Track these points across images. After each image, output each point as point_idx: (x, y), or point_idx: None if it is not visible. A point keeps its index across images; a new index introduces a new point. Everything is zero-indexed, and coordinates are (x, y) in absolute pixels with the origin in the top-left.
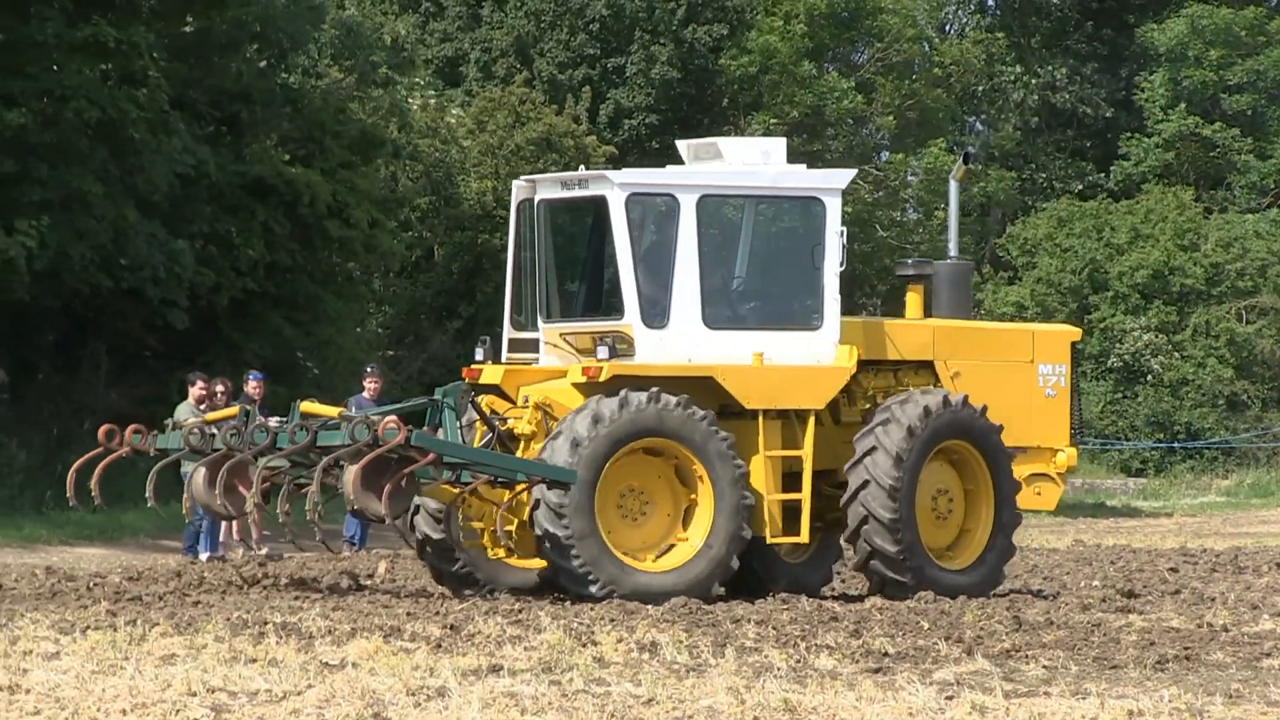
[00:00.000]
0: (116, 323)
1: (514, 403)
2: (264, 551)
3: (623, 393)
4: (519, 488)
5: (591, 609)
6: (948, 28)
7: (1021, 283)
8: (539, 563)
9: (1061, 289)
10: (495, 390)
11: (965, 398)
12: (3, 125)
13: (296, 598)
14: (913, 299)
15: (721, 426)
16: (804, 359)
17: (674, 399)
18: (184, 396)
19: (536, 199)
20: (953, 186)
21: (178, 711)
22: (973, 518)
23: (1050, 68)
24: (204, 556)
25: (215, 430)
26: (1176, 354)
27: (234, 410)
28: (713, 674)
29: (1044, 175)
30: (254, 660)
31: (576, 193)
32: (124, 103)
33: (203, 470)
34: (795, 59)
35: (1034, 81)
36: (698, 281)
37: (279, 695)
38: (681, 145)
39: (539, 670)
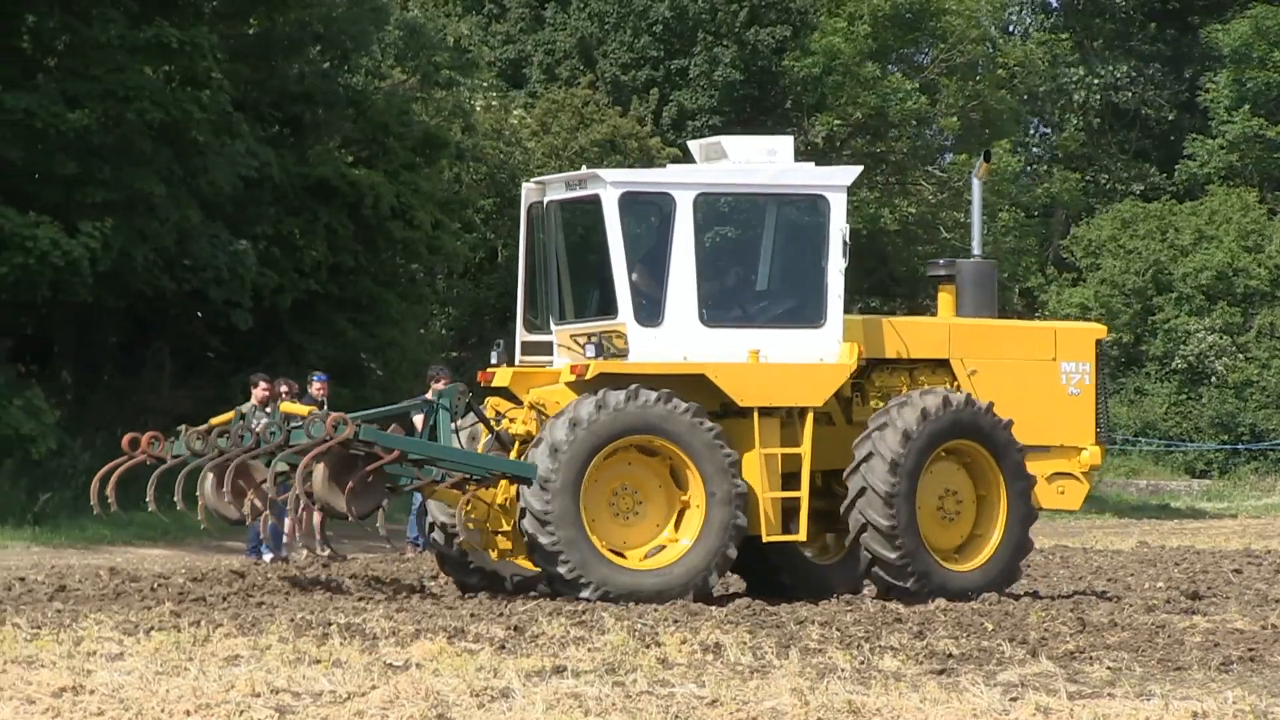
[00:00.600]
0: (180, 324)
1: (518, 403)
2: (327, 553)
3: (601, 393)
4: (471, 488)
5: (655, 610)
6: (1011, 28)
7: (1085, 284)
8: None
9: (1125, 290)
10: (505, 393)
11: (968, 397)
12: (66, 126)
13: (361, 599)
14: (944, 299)
15: (717, 424)
16: (807, 357)
17: (653, 394)
18: (247, 398)
19: (545, 201)
20: (975, 185)
21: (241, 712)
22: (985, 516)
23: (1113, 68)
24: (268, 558)
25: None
26: (1241, 355)
27: (231, 415)
28: (776, 675)
29: (1107, 177)
30: (318, 661)
31: (576, 193)
32: (187, 104)
33: (210, 476)
34: (859, 60)
35: (1097, 82)
36: (694, 280)
37: (343, 696)
38: (692, 145)
39: (603, 671)
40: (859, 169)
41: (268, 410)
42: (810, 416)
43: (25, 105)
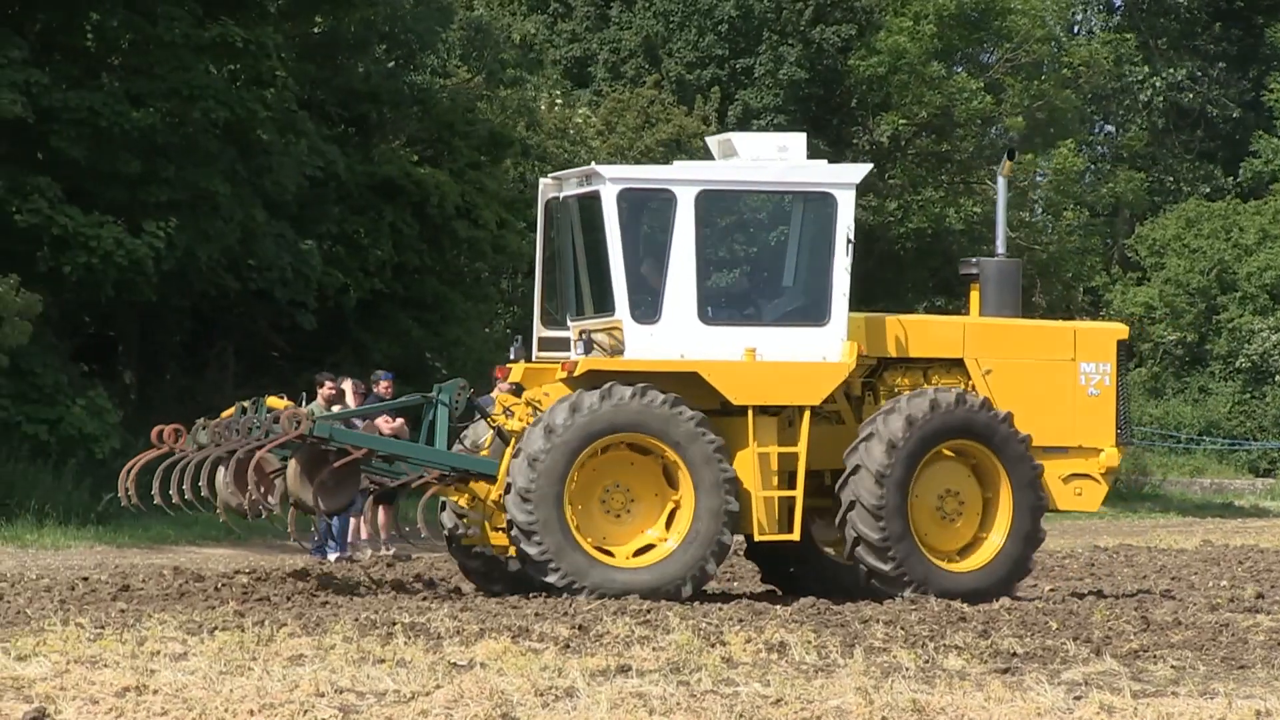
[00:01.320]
0: (244, 323)
1: (529, 402)
2: (391, 552)
3: (575, 395)
4: (435, 487)
5: (720, 608)
6: (1076, 28)
7: (1150, 283)
8: None
9: (1190, 289)
10: (518, 389)
11: (959, 395)
12: (130, 125)
13: (425, 598)
14: (975, 297)
15: (713, 423)
16: (809, 355)
17: (628, 391)
18: (313, 397)
19: (561, 196)
20: (1000, 183)
21: (305, 712)
22: (991, 514)
23: (1178, 68)
24: (332, 557)
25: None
26: None
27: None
28: (841, 674)
29: (1172, 177)
30: (382, 661)
31: (582, 190)
32: (252, 103)
33: (221, 470)
34: (924, 59)
35: (1162, 82)
36: (694, 277)
37: (407, 696)
38: (710, 141)
39: (667, 671)
40: (868, 167)
41: (334, 409)
42: (807, 415)
43: (89, 104)
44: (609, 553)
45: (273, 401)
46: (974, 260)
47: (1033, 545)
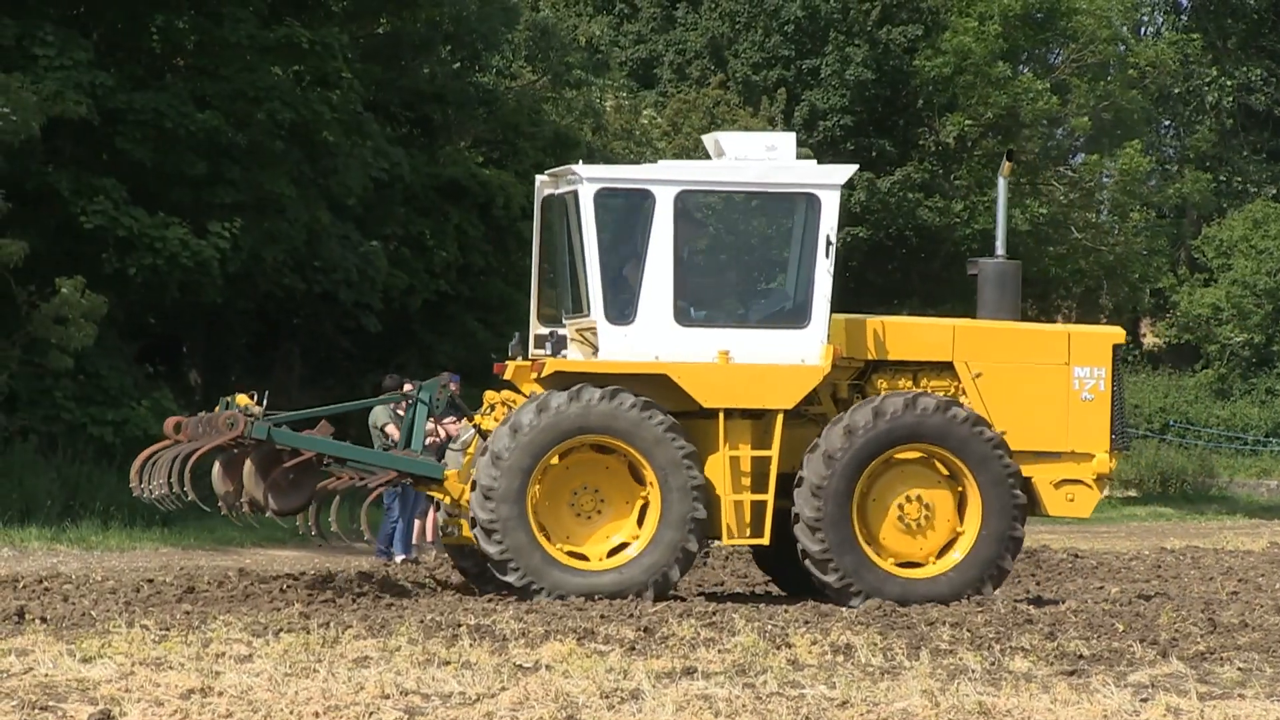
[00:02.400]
0: (309, 325)
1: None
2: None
3: (543, 395)
4: (376, 490)
5: (786, 610)
6: (1143, 29)
7: (1217, 285)
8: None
9: (1257, 291)
10: (510, 387)
11: (912, 399)
12: (195, 127)
13: (490, 599)
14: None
15: (688, 426)
16: (788, 358)
17: (597, 393)
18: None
19: (556, 193)
20: (1001, 184)
21: (370, 714)
22: (967, 520)
23: (1246, 69)
24: (398, 559)
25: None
26: None
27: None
28: (907, 676)
29: (1239, 178)
30: (447, 663)
31: (564, 189)
32: (317, 104)
33: (217, 464)
34: (990, 60)
35: (1230, 83)
36: (671, 278)
37: (472, 698)
38: (705, 140)
39: (733, 673)
40: (854, 168)
41: (399, 411)
42: (780, 419)
43: (155, 105)
44: (578, 555)
45: (241, 399)
46: (977, 260)
47: (1009, 547)
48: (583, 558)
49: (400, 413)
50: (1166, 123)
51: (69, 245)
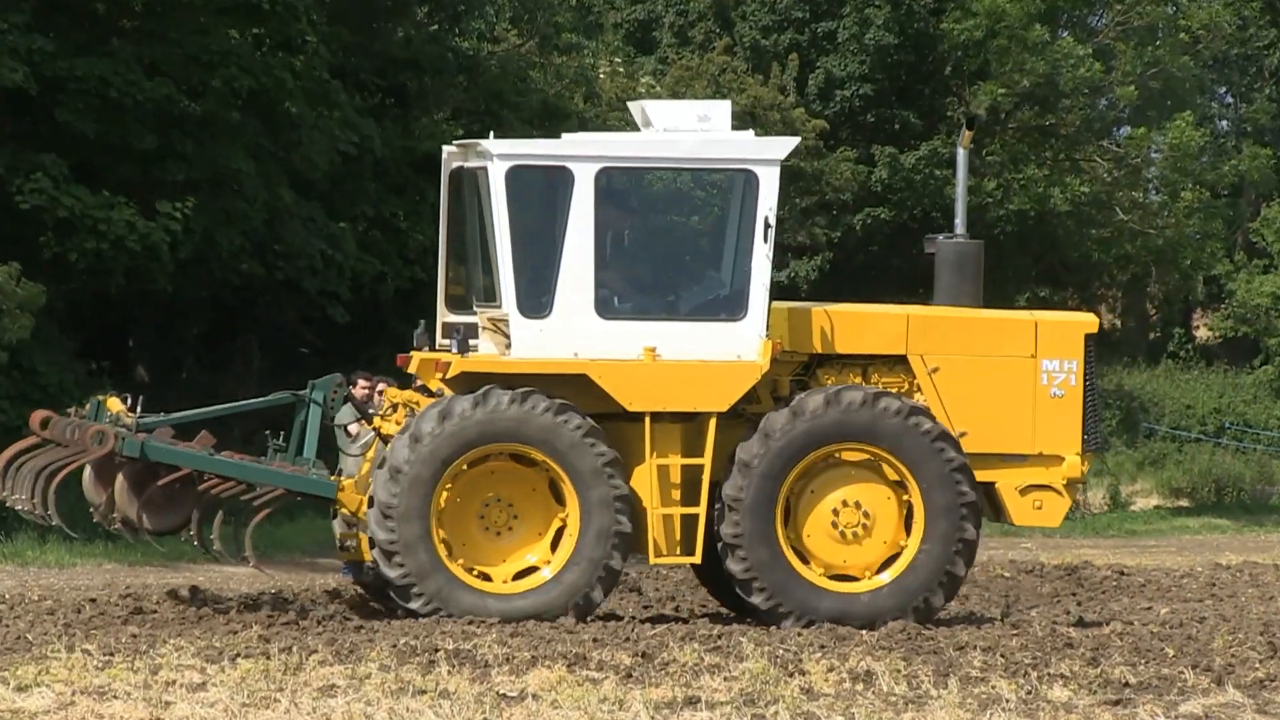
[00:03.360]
0: (270, 316)
1: (432, 394)
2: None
3: (445, 401)
4: (264, 511)
5: (799, 634)
6: None
7: (1278, 271)
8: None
9: None
10: (413, 382)
11: (833, 394)
12: (144, 96)
13: (470, 621)
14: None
15: (589, 421)
16: (723, 354)
17: (506, 396)
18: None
19: (466, 168)
20: (960, 155)
21: None
22: (912, 529)
23: None
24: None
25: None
26: None
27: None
28: (934, 707)
29: None
30: (423, 692)
31: (474, 163)
32: (279, 71)
33: (89, 471)
34: (1026, 22)
35: None
36: (592, 266)
37: None
38: (632, 108)
39: (740, 703)
40: (794, 140)
41: (370, 412)
42: (713, 423)
43: (99, 73)
44: (487, 576)
45: (112, 404)
46: (936, 239)
47: (958, 550)
48: (489, 580)
49: (370, 411)
50: (1221, 91)
51: (3, 228)
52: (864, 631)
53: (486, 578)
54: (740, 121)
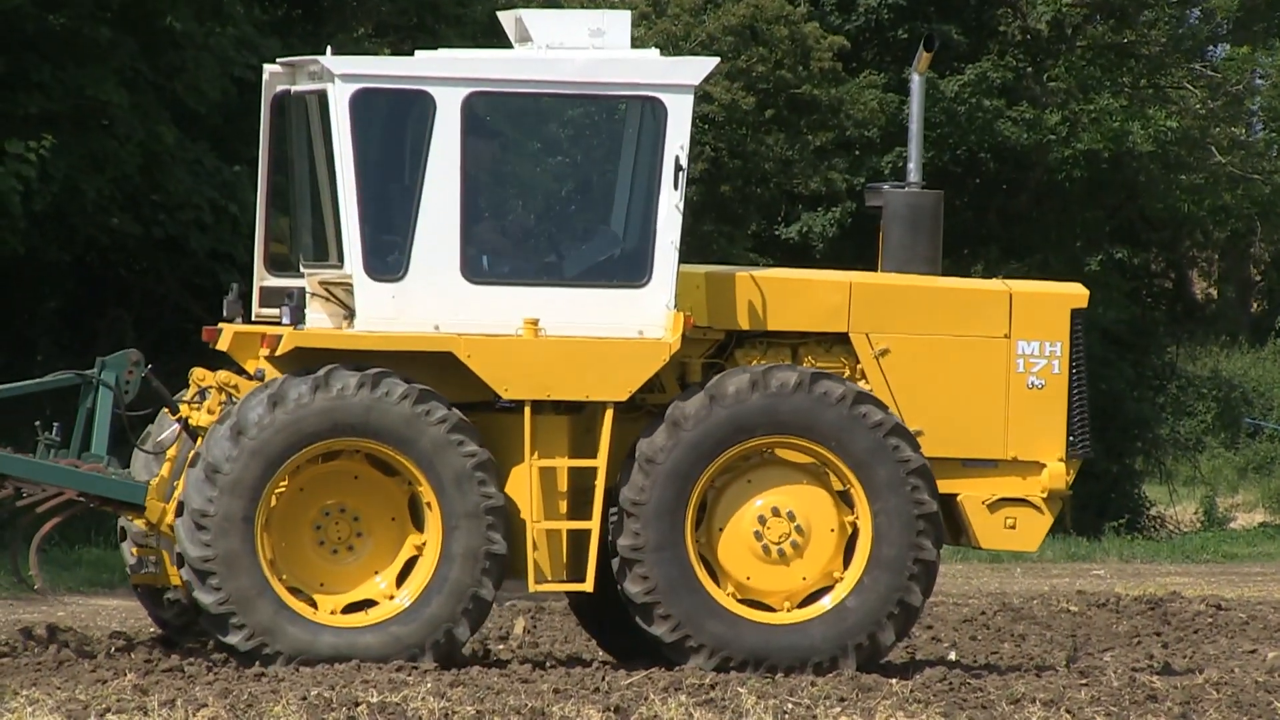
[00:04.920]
0: (147, 284)
1: (250, 376)
2: None
3: (277, 383)
4: (54, 520)
5: (813, 684)
6: None
7: None
8: None
9: None
10: (226, 360)
11: (765, 373)
12: None
13: (399, 668)
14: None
15: (455, 413)
16: (619, 329)
17: (354, 378)
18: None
19: (294, 92)
20: (915, 82)
21: None
22: (857, 547)
23: None
24: None
25: None
26: None
27: None
28: None
29: None
30: None
31: (311, 86)
32: None
33: None
34: None
35: None
36: (458, 217)
37: None
38: (503, 19)
39: None
40: (713, 62)
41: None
42: (609, 416)
43: None
44: (314, 603)
45: None
46: (881, 187)
47: (914, 574)
48: (317, 607)
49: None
50: None
51: None
52: (894, 681)
53: (314, 605)
54: (737, 40)
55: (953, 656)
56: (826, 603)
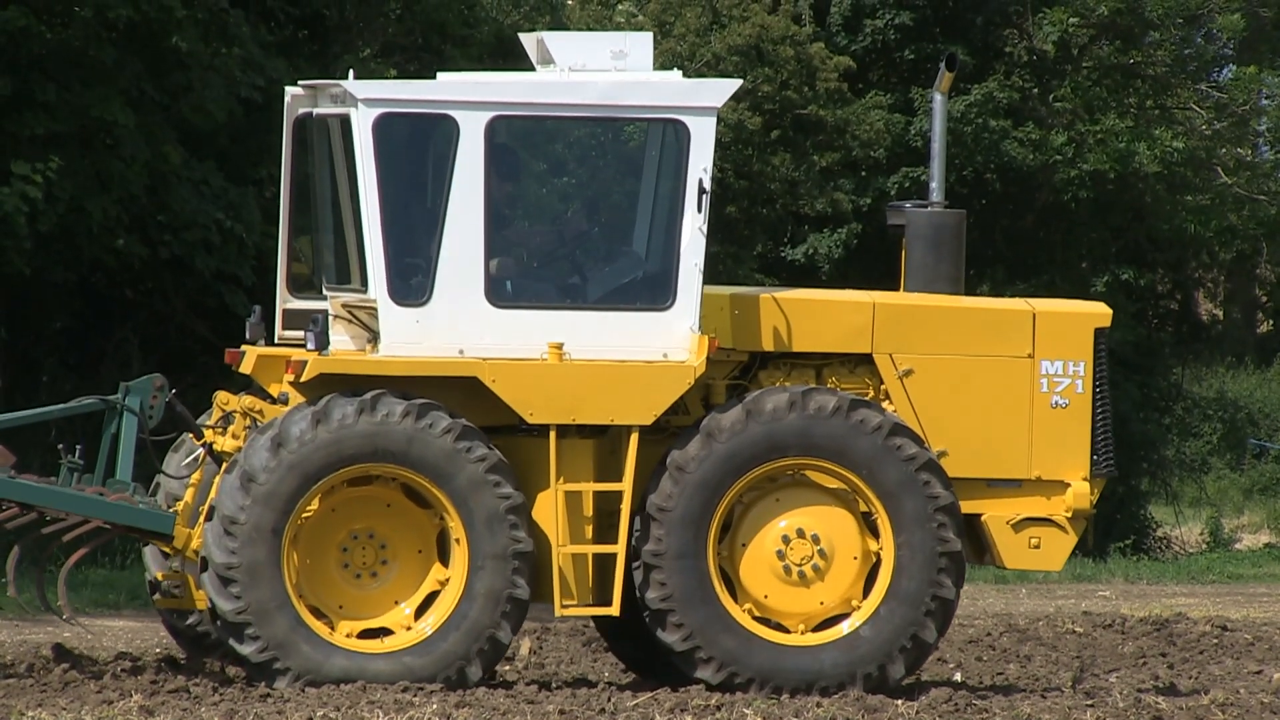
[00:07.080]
0: (153, 305)
1: (273, 400)
2: None
3: (324, 401)
4: (83, 550)
5: (819, 705)
6: None
7: None
8: None
9: None
10: (235, 381)
11: (805, 394)
12: None
13: (405, 689)
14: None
15: (494, 452)
16: (644, 352)
17: (400, 405)
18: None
19: (316, 114)
20: (936, 102)
21: None
22: (878, 577)
23: None
24: None
25: None
26: None
27: None
28: None
29: None
30: None
31: (334, 109)
32: None
33: None
34: None
35: None
36: (482, 240)
37: None
38: (525, 41)
39: None
40: (735, 83)
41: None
42: (634, 440)
43: None
44: (332, 626)
45: None
46: (904, 206)
47: (930, 610)
48: (334, 629)
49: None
50: None
51: None
52: (900, 702)
53: (331, 626)
54: (743, 59)
55: (958, 677)
56: (841, 629)
